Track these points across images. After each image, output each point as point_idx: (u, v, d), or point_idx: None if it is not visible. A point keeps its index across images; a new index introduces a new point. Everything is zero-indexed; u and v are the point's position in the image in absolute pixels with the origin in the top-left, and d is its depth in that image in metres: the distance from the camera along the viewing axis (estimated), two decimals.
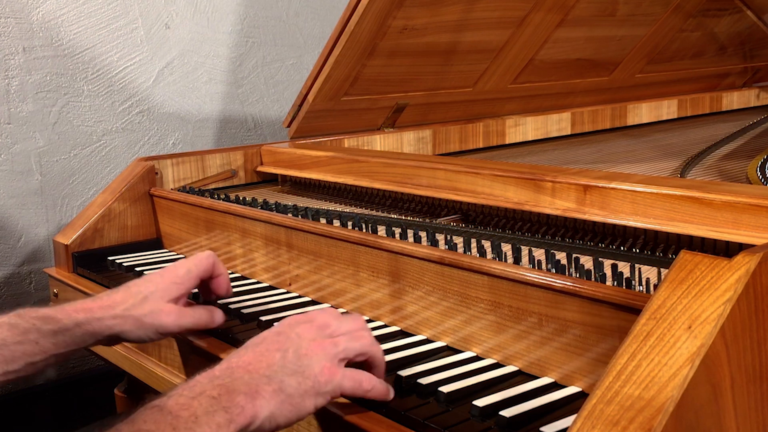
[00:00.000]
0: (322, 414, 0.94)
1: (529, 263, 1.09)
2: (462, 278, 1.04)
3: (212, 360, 1.12)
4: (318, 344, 0.90)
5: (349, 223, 1.32)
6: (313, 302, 1.29)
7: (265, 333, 0.92)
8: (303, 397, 0.86)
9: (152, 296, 1.10)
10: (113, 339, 1.10)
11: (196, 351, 1.20)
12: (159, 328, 1.09)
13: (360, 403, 0.93)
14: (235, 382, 0.83)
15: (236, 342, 1.14)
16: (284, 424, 0.85)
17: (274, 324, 0.98)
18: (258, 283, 1.41)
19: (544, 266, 1.06)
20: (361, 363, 0.93)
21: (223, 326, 1.18)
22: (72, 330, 1.06)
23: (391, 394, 0.92)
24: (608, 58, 2.48)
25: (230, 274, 1.47)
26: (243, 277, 1.46)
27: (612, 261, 1.08)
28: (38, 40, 2.18)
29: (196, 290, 1.22)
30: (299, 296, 1.32)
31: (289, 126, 1.97)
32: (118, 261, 1.59)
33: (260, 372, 0.85)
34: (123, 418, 0.78)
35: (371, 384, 0.91)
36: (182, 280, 1.12)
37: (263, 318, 1.20)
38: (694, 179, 1.59)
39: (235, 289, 1.36)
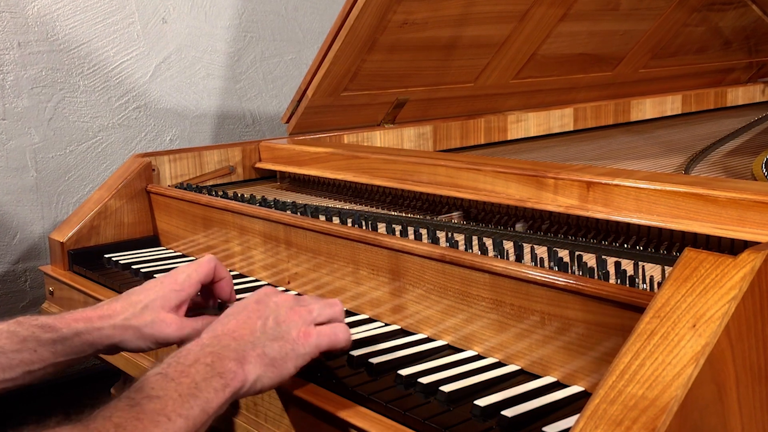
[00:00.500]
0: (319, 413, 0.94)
1: (532, 261, 1.09)
2: (463, 276, 1.04)
3: None
4: (295, 312, 0.98)
5: (349, 221, 1.32)
6: None
7: (245, 302, 0.99)
8: (284, 359, 0.93)
9: (152, 305, 1.09)
10: (112, 348, 1.10)
11: None
12: (159, 339, 1.09)
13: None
14: (224, 349, 0.90)
15: None
16: (269, 386, 0.92)
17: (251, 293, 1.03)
18: (256, 281, 1.41)
19: (546, 264, 1.05)
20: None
21: None
22: (71, 339, 1.06)
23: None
24: (611, 53, 2.48)
25: (228, 272, 1.47)
26: (241, 275, 1.45)
27: (615, 258, 1.08)
28: (33, 34, 2.18)
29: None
30: (298, 294, 1.32)
31: (287, 122, 1.97)
32: (114, 259, 1.59)
33: (245, 338, 0.93)
34: (129, 386, 0.83)
35: (343, 336, 0.99)
36: (182, 287, 1.12)
37: None
38: (699, 176, 1.59)
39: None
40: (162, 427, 0.78)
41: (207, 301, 1.20)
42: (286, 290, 1.34)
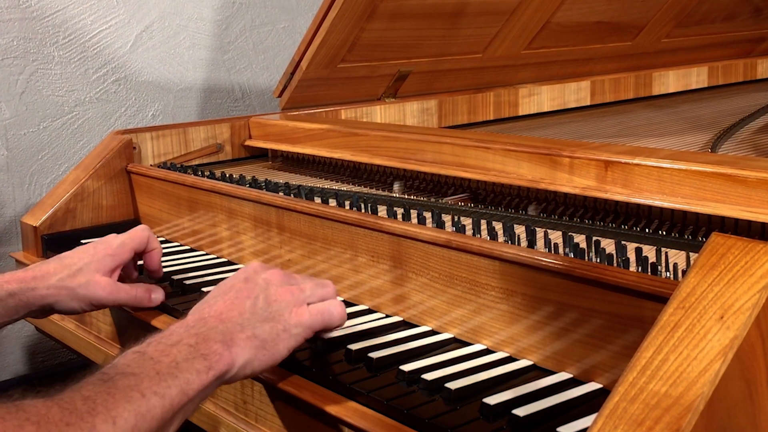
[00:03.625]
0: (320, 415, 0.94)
1: (545, 247, 1.09)
2: (471, 263, 1.04)
3: None
4: (286, 290, 1.00)
5: (347, 203, 1.32)
6: None
7: (232, 280, 1.01)
8: (276, 341, 0.95)
9: (86, 268, 1.19)
10: (46, 310, 1.20)
11: None
12: (93, 300, 1.19)
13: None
14: (210, 331, 0.91)
15: None
16: (260, 369, 0.94)
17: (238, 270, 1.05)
18: None
19: (561, 250, 1.05)
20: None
21: None
22: (5, 300, 1.15)
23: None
24: (632, 21, 2.47)
25: (215, 258, 1.48)
26: (230, 262, 1.46)
27: (636, 244, 1.08)
28: (3, 0, 2.17)
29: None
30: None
31: (280, 96, 1.97)
32: None
33: (233, 320, 0.94)
34: (106, 363, 0.86)
35: (339, 313, 1.02)
36: (115, 251, 1.22)
37: None
38: (726, 154, 1.59)
39: (221, 276, 1.37)
40: (135, 403, 0.79)
41: (132, 271, 1.30)
42: None
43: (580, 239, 1.10)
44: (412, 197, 1.44)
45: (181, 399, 0.83)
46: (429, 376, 0.94)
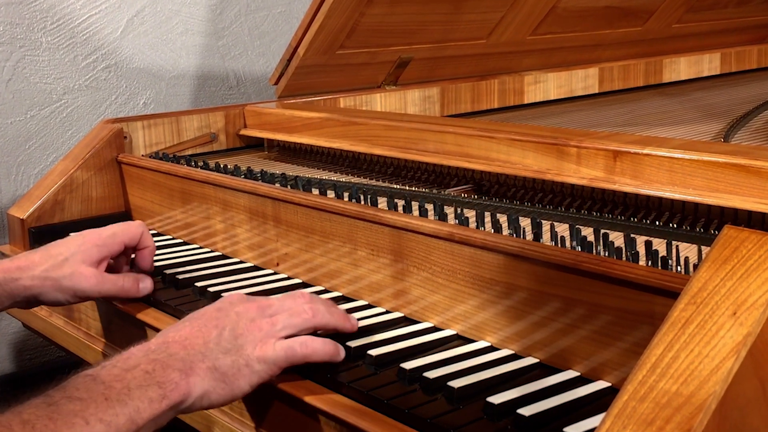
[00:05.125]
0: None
1: (551, 240, 1.09)
2: (474, 257, 1.04)
3: None
4: (256, 324, 0.98)
5: (346, 195, 1.32)
6: (303, 284, 1.29)
7: (207, 308, 1.01)
8: (236, 376, 0.94)
9: (72, 258, 1.20)
10: (31, 301, 1.21)
11: None
12: (78, 292, 1.20)
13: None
14: (170, 358, 0.91)
15: None
16: (218, 403, 0.94)
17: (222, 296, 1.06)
18: (241, 262, 1.41)
19: (568, 243, 1.05)
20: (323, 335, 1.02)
21: None
22: None
23: (341, 354, 1.01)
24: (641, 6, 2.47)
25: (209, 252, 1.48)
26: (224, 256, 1.46)
27: (645, 237, 1.08)
28: None
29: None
30: (288, 278, 1.32)
31: (276, 83, 1.97)
32: None
33: (195, 348, 0.93)
34: (54, 385, 0.85)
35: (308, 348, 0.98)
36: (104, 242, 1.23)
37: None
38: (740, 144, 1.59)
39: (214, 270, 1.37)
40: (77, 430, 0.78)
41: (122, 267, 1.30)
42: (274, 272, 1.34)
43: (587, 232, 1.10)
44: (413, 188, 1.44)
45: (129, 428, 0.83)
46: (431, 375, 0.94)
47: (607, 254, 1.01)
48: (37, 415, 0.78)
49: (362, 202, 1.27)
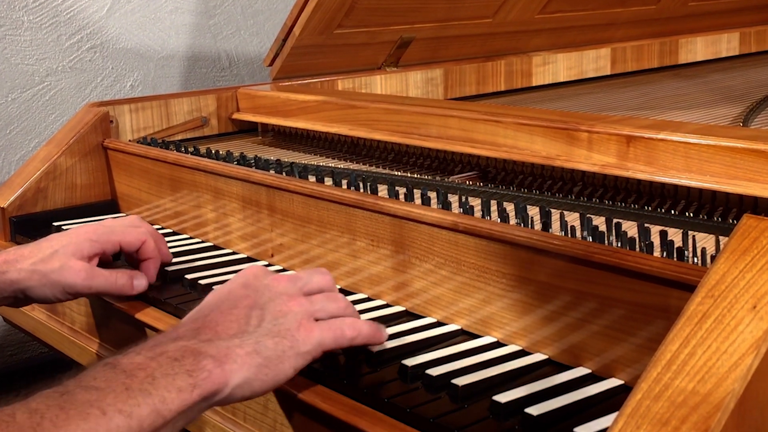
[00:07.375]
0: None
1: (561, 230, 1.09)
2: (480, 248, 1.04)
3: None
4: (295, 301, 0.95)
5: (344, 182, 1.32)
6: None
7: (229, 285, 0.97)
8: (281, 359, 0.89)
9: (62, 250, 1.18)
10: (20, 297, 1.20)
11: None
12: (66, 287, 1.17)
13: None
14: (202, 345, 0.86)
15: None
16: (261, 390, 0.88)
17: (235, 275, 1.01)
18: (234, 254, 1.41)
19: (578, 233, 1.05)
20: None
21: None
22: None
23: (385, 334, 0.99)
24: None
25: (200, 242, 1.48)
26: (215, 247, 1.46)
27: (660, 227, 1.07)
28: None
29: None
30: (283, 269, 1.32)
31: (271, 65, 1.97)
32: (64, 227, 1.59)
33: (230, 333, 0.89)
34: (72, 374, 0.80)
35: (355, 330, 0.96)
36: (99, 237, 1.21)
37: None
38: (760, 129, 1.59)
39: (206, 262, 1.37)
40: (92, 421, 0.74)
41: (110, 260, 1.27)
42: (269, 265, 1.34)
43: (599, 221, 1.10)
44: (415, 175, 1.44)
45: (154, 420, 0.78)
46: (434, 372, 0.94)
47: (619, 245, 1.01)
48: (47, 405, 0.73)
49: (361, 190, 1.27)
